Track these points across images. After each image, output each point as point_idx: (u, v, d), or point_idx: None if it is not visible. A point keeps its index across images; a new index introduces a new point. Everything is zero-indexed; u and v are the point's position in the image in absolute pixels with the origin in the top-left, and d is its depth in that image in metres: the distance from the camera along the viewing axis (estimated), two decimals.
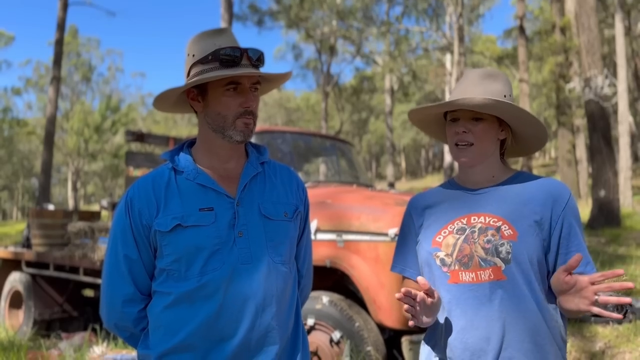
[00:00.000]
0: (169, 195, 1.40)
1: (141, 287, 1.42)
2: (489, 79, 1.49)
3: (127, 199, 1.42)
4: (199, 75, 1.39)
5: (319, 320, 3.28)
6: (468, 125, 1.47)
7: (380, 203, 3.36)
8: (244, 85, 1.40)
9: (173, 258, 1.36)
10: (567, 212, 1.43)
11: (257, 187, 1.47)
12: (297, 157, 4.52)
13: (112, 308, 1.42)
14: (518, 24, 19.24)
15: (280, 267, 1.44)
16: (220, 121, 1.40)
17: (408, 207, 1.64)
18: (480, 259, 1.39)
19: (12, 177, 51.57)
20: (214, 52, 1.38)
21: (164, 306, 1.38)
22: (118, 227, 1.42)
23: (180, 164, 1.44)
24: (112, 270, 1.42)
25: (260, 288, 1.38)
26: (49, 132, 18.41)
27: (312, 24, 27.34)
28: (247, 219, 1.41)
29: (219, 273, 1.35)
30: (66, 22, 19.33)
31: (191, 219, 1.36)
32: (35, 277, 5.70)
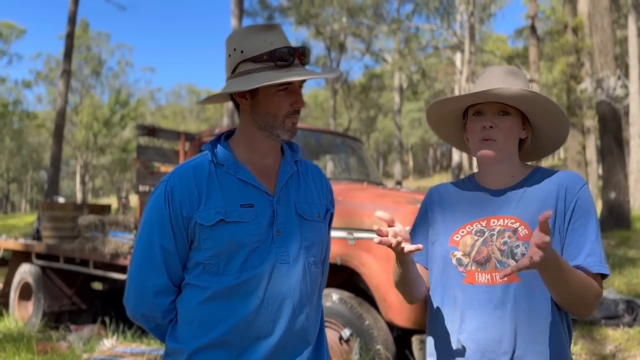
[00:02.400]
0: (210, 188, 1.38)
1: (174, 279, 1.41)
2: (512, 76, 1.47)
3: (166, 189, 1.40)
4: (250, 74, 1.38)
5: (328, 317, 3.27)
6: (495, 119, 1.44)
7: (391, 201, 3.35)
8: (294, 86, 1.40)
9: (213, 252, 1.35)
10: (577, 202, 1.39)
11: (293, 186, 1.47)
12: (307, 153, 4.51)
13: (142, 298, 1.41)
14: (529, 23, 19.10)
15: (313, 268, 1.44)
16: (269, 120, 1.40)
17: (425, 198, 1.62)
18: (497, 261, 1.38)
19: (22, 169, 51.97)
20: (271, 53, 1.37)
21: (200, 300, 1.37)
22: (155, 217, 1.39)
23: (219, 157, 1.43)
24: (145, 261, 1.40)
25: (297, 288, 1.38)
26: (58, 125, 18.50)
27: (322, 20, 27.30)
28: (284, 218, 1.40)
29: (260, 270, 1.35)
30: (77, 15, 19.38)
31: (234, 215, 1.35)
32: (45, 270, 5.73)
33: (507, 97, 1.41)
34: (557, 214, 1.40)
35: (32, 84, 44.38)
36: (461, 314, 1.42)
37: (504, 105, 1.44)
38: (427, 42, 28.90)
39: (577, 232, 1.38)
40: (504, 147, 1.45)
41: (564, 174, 1.46)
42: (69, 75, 19.25)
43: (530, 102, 1.41)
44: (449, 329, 1.45)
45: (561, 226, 1.39)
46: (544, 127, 1.50)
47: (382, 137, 51.28)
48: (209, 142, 1.48)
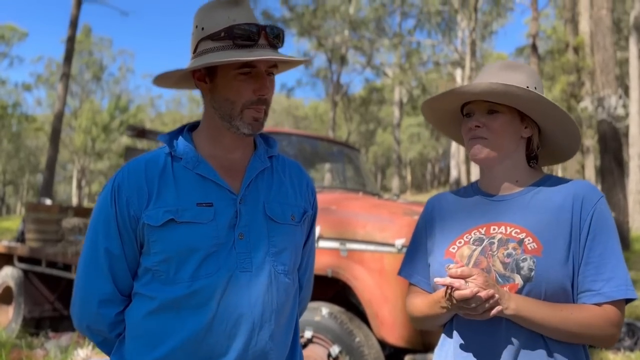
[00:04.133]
0: (162, 184, 1.21)
1: (121, 287, 1.24)
2: (509, 70, 1.33)
3: (113, 185, 1.23)
4: (207, 54, 1.21)
5: (317, 333, 3.09)
6: (482, 119, 1.30)
7: (387, 212, 3.19)
8: (259, 69, 1.22)
9: (161, 257, 1.18)
10: (595, 216, 1.24)
11: (263, 184, 1.29)
12: (302, 161, 4.36)
13: (86, 308, 1.24)
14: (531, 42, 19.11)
15: (283, 278, 1.25)
16: (227, 108, 1.23)
17: (424, 210, 1.48)
18: (498, 275, 1.22)
19: (18, 172, 51.72)
20: (228, 29, 1.20)
21: (146, 312, 1.20)
22: (100, 217, 1.23)
23: (178, 150, 1.26)
24: (90, 265, 1.23)
25: (259, 301, 1.20)
26: (55, 129, 18.39)
27: (324, 32, 27.32)
28: (249, 220, 1.23)
29: (214, 279, 1.17)
30: (80, 20, 19.38)
31: (187, 214, 1.18)
32: (27, 273, 5.54)
33: (478, 93, 1.27)
34: (572, 229, 1.23)
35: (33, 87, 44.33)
36: (459, 334, 1.26)
37: (492, 104, 1.29)
38: (428, 57, 28.95)
39: (596, 251, 1.22)
40: (497, 146, 1.30)
41: (579, 183, 1.30)
42: (68, 78, 19.17)
43: (505, 97, 1.26)
44: (444, 352, 1.30)
45: (576, 242, 1.23)
46: (546, 123, 1.33)
47: (381, 151, 51.21)
48: (167, 133, 1.30)
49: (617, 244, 1.25)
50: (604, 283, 1.20)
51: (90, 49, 41.88)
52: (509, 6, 26.60)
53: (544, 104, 1.26)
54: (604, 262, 1.21)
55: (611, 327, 1.19)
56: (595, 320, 1.19)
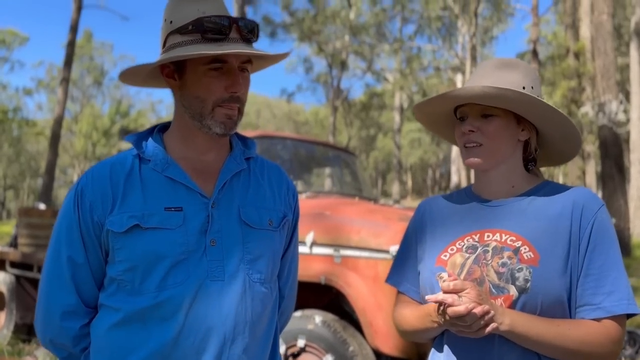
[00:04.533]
0: (128, 188, 1.14)
1: (86, 298, 1.16)
2: (504, 69, 1.25)
3: (77, 189, 1.16)
4: (175, 49, 1.14)
5: (310, 341, 3.02)
6: (476, 123, 1.23)
7: (382, 217, 3.12)
8: (231, 65, 1.14)
9: (126, 266, 1.11)
10: (594, 226, 1.17)
11: (239, 187, 1.22)
12: (297, 165, 4.29)
13: (49, 321, 1.16)
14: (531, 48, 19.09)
15: (259, 287, 1.18)
16: (197, 106, 1.15)
17: (414, 214, 1.40)
18: (492, 285, 1.15)
19: (19, 176, 51.75)
20: (196, 22, 1.12)
21: (110, 325, 1.12)
22: (63, 223, 1.16)
23: (147, 151, 1.18)
24: (52, 276, 1.16)
25: (231, 312, 1.12)
26: (55, 133, 18.37)
27: (324, 38, 27.33)
28: (222, 225, 1.15)
29: (182, 289, 1.09)
30: (81, 25, 19.42)
31: (153, 220, 1.11)
32: (20, 279, 5.46)
33: (471, 97, 1.20)
34: (571, 239, 1.16)
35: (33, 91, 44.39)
36: (450, 348, 1.19)
37: (487, 106, 1.22)
38: (428, 63, 28.94)
39: (596, 262, 1.15)
40: (493, 152, 1.23)
41: (578, 191, 1.22)
42: (67, 83, 19.15)
43: (499, 100, 1.19)
44: None
45: (575, 252, 1.16)
46: (543, 125, 1.26)
47: (381, 156, 51.18)
48: (135, 134, 1.22)
49: (618, 256, 1.18)
50: (605, 297, 1.13)
51: (91, 53, 42.00)
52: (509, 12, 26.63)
53: (540, 106, 1.19)
54: (604, 275, 1.14)
55: (611, 344, 1.12)
56: (595, 337, 1.12)
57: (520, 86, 1.22)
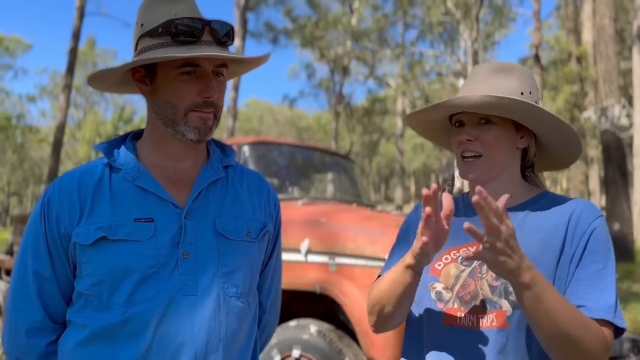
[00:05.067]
0: (97, 198, 1.09)
1: (53, 314, 1.11)
2: (500, 74, 1.20)
3: (44, 200, 1.11)
4: (145, 53, 1.10)
5: (305, 352, 2.96)
6: (474, 131, 1.18)
7: (379, 224, 3.07)
8: (204, 69, 1.09)
9: (93, 280, 1.06)
10: (591, 234, 1.11)
11: (215, 197, 1.16)
12: (293, 171, 4.25)
13: (14, 337, 1.12)
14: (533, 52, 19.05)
15: (234, 302, 1.12)
16: (169, 112, 1.10)
17: (409, 215, 1.34)
18: (486, 300, 1.10)
19: (23, 183, 51.91)
20: (166, 24, 1.08)
21: (77, 342, 1.07)
22: (30, 235, 1.11)
23: (118, 160, 1.13)
24: (18, 290, 1.11)
25: (203, 328, 1.07)
26: (57, 140, 18.41)
27: (326, 43, 27.35)
28: (196, 236, 1.10)
29: (151, 305, 1.05)
30: (84, 32, 19.56)
31: (122, 231, 1.06)
32: None
33: (468, 107, 1.14)
34: (565, 246, 1.11)
35: (37, 98, 44.58)
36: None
37: (483, 114, 1.17)
38: (430, 68, 28.90)
39: (589, 269, 1.09)
40: (492, 163, 1.17)
41: (577, 202, 1.17)
42: (70, 90, 19.19)
43: (497, 109, 1.13)
44: None
45: (566, 260, 1.10)
46: (543, 132, 1.21)
47: (384, 162, 51.13)
48: (106, 141, 1.17)
49: (612, 269, 1.11)
50: (592, 302, 1.06)
51: (94, 60, 42.21)
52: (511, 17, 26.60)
53: (539, 113, 1.14)
54: (595, 283, 1.08)
55: (601, 344, 1.03)
56: (593, 330, 1.03)
57: (518, 92, 1.17)
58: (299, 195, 4.08)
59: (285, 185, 4.16)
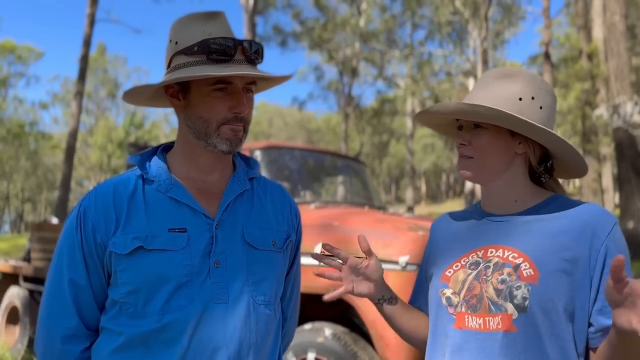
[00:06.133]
0: (132, 209, 1.13)
1: (87, 321, 1.15)
2: (503, 79, 1.21)
3: (79, 210, 1.15)
4: (179, 70, 1.14)
5: (320, 355, 2.98)
6: (467, 136, 1.22)
7: (391, 227, 3.08)
8: (235, 86, 1.15)
9: (129, 288, 1.10)
10: (609, 245, 1.11)
11: (242, 208, 1.21)
12: (305, 175, 4.27)
13: (49, 344, 1.15)
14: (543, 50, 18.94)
15: (263, 309, 1.16)
16: (202, 126, 1.15)
17: (429, 234, 1.41)
18: (491, 302, 1.11)
19: (36, 189, 52.42)
20: (202, 43, 1.13)
21: (112, 349, 1.11)
22: (65, 244, 1.15)
23: (151, 172, 1.18)
24: (53, 297, 1.15)
25: (236, 335, 1.10)
26: (70, 146, 18.60)
27: (334, 45, 27.38)
28: (226, 246, 1.14)
29: (186, 312, 1.08)
30: (94, 39, 19.72)
31: (157, 242, 1.10)
32: (33, 293, 5.50)
33: (447, 113, 1.21)
34: (579, 258, 1.11)
35: (49, 105, 45.06)
36: None
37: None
38: (439, 68, 28.82)
39: None
40: (484, 165, 1.20)
41: (590, 208, 1.17)
42: (82, 96, 19.40)
43: (477, 116, 1.17)
44: None
45: (584, 274, 1.11)
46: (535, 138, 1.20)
47: (394, 162, 51.04)
48: (139, 154, 1.22)
49: (630, 271, 1.12)
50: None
51: (105, 66, 42.60)
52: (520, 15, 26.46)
53: (517, 121, 1.14)
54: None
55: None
56: None
57: (517, 97, 1.18)
58: (311, 199, 4.11)
59: (297, 189, 4.18)
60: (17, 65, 39.63)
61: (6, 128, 38.21)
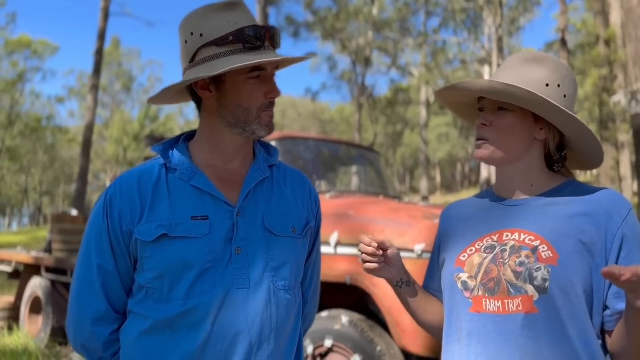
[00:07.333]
0: (156, 197, 1.17)
1: (115, 305, 1.20)
2: (531, 63, 1.22)
3: (106, 198, 1.19)
4: (214, 60, 1.15)
5: (337, 342, 3.02)
6: (490, 117, 1.22)
7: (406, 216, 3.10)
8: (267, 72, 1.18)
9: (155, 274, 1.14)
10: (625, 230, 1.13)
11: (262, 195, 1.24)
12: (320, 165, 4.30)
13: (80, 327, 1.20)
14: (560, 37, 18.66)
15: (283, 294, 1.20)
16: (241, 115, 1.18)
17: (439, 221, 1.42)
18: (510, 285, 1.13)
19: (54, 182, 53.14)
20: (238, 32, 1.15)
21: (139, 332, 1.15)
22: (93, 232, 1.20)
23: (173, 161, 1.21)
24: (83, 283, 1.20)
25: (257, 319, 1.14)
26: (86, 140, 18.82)
27: (347, 35, 27.25)
28: (247, 233, 1.18)
29: (209, 297, 1.12)
30: (108, 32, 19.86)
31: (181, 229, 1.14)
32: (55, 284, 5.62)
33: (475, 90, 1.20)
34: (596, 241, 1.13)
35: (65, 99, 45.51)
36: (467, 349, 1.17)
37: (502, 101, 1.20)
38: (454, 56, 28.55)
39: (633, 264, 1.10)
40: (503, 147, 1.21)
41: (606, 193, 1.18)
42: (97, 90, 19.59)
43: (509, 97, 1.16)
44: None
45: (601, 256, 1.12)
46: (563, 127, 1.22)
47: (408, 152, 50.77)
48: (161, 143, 1.25)
49: None
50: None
51: (119, 60, 42.88)
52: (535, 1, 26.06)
53: (548, 107, 1.15)
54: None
55: None
56: None
57: (544, 83, 1.19)
58: (326, 189, 4.14)
59: (312, 180, 4.21)
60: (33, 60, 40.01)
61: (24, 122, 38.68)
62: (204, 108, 1.24)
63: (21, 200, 50.81)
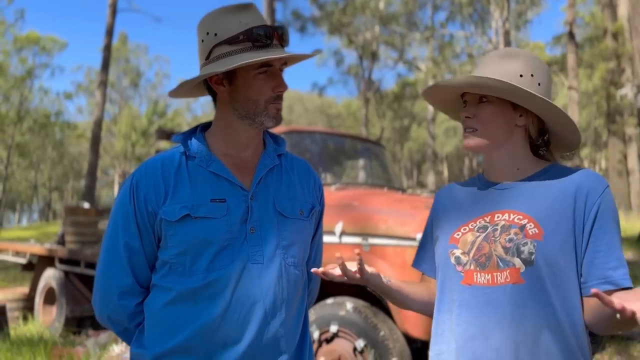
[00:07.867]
0: (178, 182, 1.30)
1: (140, 279, 1.32)
2: (505, 58, 1.33)
3: (132, 182, 1.31)
4: (226, 58, 1.28)
5: (342, 327, 3.13)
6: (472, 109, 1.34)
7: (408, 206, 3.20)
8: (275, 68, 1.30)
9: (178, 250, 1.26)
10: (601, 205, 1.24)
11: (272, 181, 1.37)
12: (326, 158, 4.40)
13: (107, 299, 1.32)
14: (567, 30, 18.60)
15: (292, 270, 1.33)
16: (251, 107, 1.30)
17: (433, 202, 1.52)
18: (499, 259, 1.24)
19: (63, 178, 53.49)
20: (247, 32, 1.27)
21: (164, 303, 1.27)
22: (120, 213, 1.31)
23: (192, 149, 1.34)
24: (110, 259, 1.32)
25: (270, 291, 1.27)
26: (95, 135, 19.00)
27: (354, 29, 27.26)
28: (260, 215, 1.30)
29: (228, 271, 1.25)
30: (116, 28, 19.96)
31: (201, 210, 1.26)
32: (68, 274, 5.77)
33: (454, 85, 1.32)
34: (576, 215, 1.24)
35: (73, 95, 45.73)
36: (457, 319, 1.28)
37: (483, 94, 1.32)
38: (461, 50, 28.51)
39: (603, 239, 1.23)
40: (487, 136, 1.32)
41: (584, 173, 1.30)
42: (105, 86, 19.76)
43: (484, 89, 1.29)
44: (446, 337, 1.31)
45: (579, 230, 1.24)
46: (540, 113, 1.33)
47: (415, 147, 50.70)
48: (181, 133, 1.37)
49: (619, 235, 1.25)
50: (612, 271, 1.21)
51: (127, 56, 43.02)
52: None
53: (519, 93, 1.26)
54: (611, 252, 1.22)
55: None
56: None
57: (518, 74, 1.29)
58: (332, 181, 4.24)
59: (318, 172, 4.31)
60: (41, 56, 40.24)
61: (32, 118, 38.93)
62: (219, 101, 1.36)
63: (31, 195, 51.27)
